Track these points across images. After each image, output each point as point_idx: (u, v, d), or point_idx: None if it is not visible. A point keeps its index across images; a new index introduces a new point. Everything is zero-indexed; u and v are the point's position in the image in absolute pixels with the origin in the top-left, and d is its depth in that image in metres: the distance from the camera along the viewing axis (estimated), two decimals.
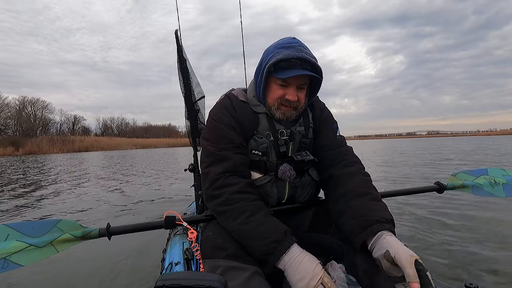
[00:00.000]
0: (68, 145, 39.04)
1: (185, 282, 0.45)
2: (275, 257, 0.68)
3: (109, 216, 3.26)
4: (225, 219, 0.75)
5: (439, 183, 1.07)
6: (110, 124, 67.12)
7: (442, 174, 5.51)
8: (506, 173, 1.17)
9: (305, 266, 0.65)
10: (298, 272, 0.65)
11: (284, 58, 0.78)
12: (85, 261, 1.98)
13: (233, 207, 0.73)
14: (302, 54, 0.78)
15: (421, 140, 48.54)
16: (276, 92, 0.83)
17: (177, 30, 1.33)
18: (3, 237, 0.75)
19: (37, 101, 49.31)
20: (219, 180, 0.77)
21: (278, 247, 0.68)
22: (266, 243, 0.69)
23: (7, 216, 3.45)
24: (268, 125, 0.86)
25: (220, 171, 0.78)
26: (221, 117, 0.85)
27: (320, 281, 0.62)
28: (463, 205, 2.94)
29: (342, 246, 0.79)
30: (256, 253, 0.71)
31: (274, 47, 0.83)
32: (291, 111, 0.85)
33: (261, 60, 0.86)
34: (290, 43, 0.81)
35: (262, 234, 0.70)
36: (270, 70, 0.81)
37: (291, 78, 0.80)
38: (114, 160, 15.68)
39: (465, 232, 2.22)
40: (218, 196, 0.76)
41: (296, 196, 0.89)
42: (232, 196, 0.75)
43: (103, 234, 0.82)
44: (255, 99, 0.88)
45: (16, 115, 45.02)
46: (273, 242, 0.68)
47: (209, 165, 0.81)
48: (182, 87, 1.31)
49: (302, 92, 0.85)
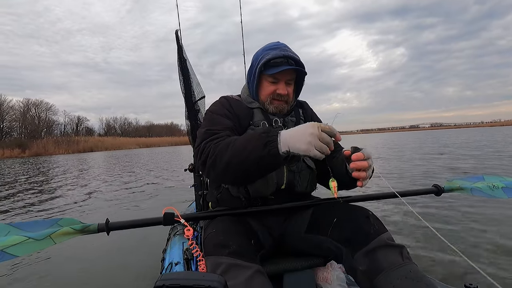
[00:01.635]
0: (73, 146, 39.45)
1: (185, 282, 0.44)
2: (273, 142, 0.69)
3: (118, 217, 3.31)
4: (219, 161, 0.75)
5: (437, 186, 1.07)
6: (113, 124, 67.60)
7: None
8: (504, 179, 1.16)
9: (301, 127, 0.69)
10: (298, 132, 0.68)
11: (272, 57, 0.90)
12: (85, 261, 1.99)
13: (220, 147, 0.76)
14: (287, 53, 0.91)
15: (446, 132, 45.91)
16: (268, 89, 0.95)
17: (178, 30, 1.33)
18: (3, 234, 0.76)
19: (40, 103, 49.83)
20: (206, 144, 0.80)
21: (269, 133, 0.71)
22: (257, 138, 0.71)
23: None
24: (263, 116, 0.96)
25: (207, 140, 0.81)
26: (216, 109, 0.94)
27: (319, 128, 0.66)
28: (463, 206, 2.92)
29: (341, 248, 0.78)
30: (257, 153, 0.70)
31: (263, 50, 0.96)
32: (283, 105, 0.96)
33: (252, 62, 0.98)
34: (276, 45, 0.95)
35: (249, 138, 0.73)
36: (261, 69, 0.92)
37: (280, 74, 0.92)
38: (125, 159, 15.79)
39: (465, 232, 2.21)
40: (207, 154, 0.78)
41: (294, 184, 0.91)
42: (216, 144, 0.78)
43: (102, 229, 0.82)
44: (249, 97, 0.99)
45: (21, 118, 45.60)
46: (263, 133, 0.71)
47: (199, 141, 0.84)
48: (182, 87, 1.31)
49: (290, 87, 0.97)
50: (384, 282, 0.67)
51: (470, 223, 2.42)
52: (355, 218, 0.80)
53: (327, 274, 0.90)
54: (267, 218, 0.91)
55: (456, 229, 2.32)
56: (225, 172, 0.76)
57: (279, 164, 0.72)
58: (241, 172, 0.74)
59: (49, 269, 1.90)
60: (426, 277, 0.69)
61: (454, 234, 2.21)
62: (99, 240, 2.23)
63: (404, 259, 0.70)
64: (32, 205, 4.17)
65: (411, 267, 0.69)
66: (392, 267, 0.68)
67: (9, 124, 44.29)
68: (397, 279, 0.66)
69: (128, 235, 1.85)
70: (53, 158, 23.36)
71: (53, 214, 3.55)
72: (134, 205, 3.91)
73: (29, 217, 3.47)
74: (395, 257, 0.70)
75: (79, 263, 1.97)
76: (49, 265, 1.96)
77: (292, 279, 0.86)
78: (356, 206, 0.86)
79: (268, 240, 0.89)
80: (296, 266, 0.86)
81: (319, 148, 0.66)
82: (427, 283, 0.65)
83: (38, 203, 4.31)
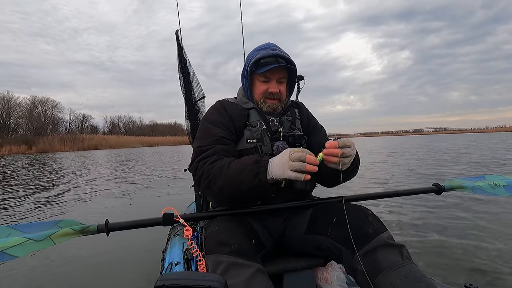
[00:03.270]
0: (79, 144, 39.81)
1: (184, 282, 0.44)
2: (264, 172, 0.74)
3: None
4: (214, 184, 0.80)
5: (437, 185, 1.06)
6: (117, 122, 67.99)
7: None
8: (505, 178, 1.16)
9: (279, 155, 0.75)
10: (277, 159, 0.74)
11: (262, 56, 0.93)
12: (85, 261, 2.00)
13: (213, 171, 0.80)
14: (276, 52, 0.93)
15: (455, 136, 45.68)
16: (260, 88, 0.97)
17: (178, 30, 1.33)
18: (4, 235, 0.76)
19: (47, 100, 50.23)
20: (199, 163, 0.85)
21: (260, 163, 0.75)
22: (250, 168, 0.75)
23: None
24: (259, 117, 0.97)
25: (199, 159, 0.86)
26: (210, 117, 0.97)
27: (291, 153, 0.71)
28: (462, 206, 2.89)
29: (340, 248, 0.79)
30: (249, 185, 0.75)
31: (254, 50, 0.98)
32: (276, 103, 0.97)
33: (244, 63, 1.00)
34: (266, 46, 0.98)
35: (243, 165, 0.77)
36: (252, 69, 0.94)
37: (271, 72, 0.94)
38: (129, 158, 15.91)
39: (464, 233, 2.20)
40: (201, 175, 0.83)
41: (294, 182, 0.90)
42: (209, 166, 0.82)
43: (102, 230, 0.82)
44: (244, 98, 1.01)
45: (28, 115, 46.19)
46: (254, 163, 0.76)
47: (194, 159, 0.89)
48: (182, 87, 1.32)
49: (282, 85, 0.98)
50: (384, 282, 0.67)
51: (470, 223, 2.41)
52: (354, 218, 0.79)
53: (327, 274, 0.90)
54: (267, 218, 0.91)
55: (456, 228, 2.30)
56: (219, 195, 0.83)
57: (269, 190, 0.77)
58: (233, 197, 0.81)
59: (49, 269, 1.91)
60: (426, 277, 0.69)
61: (454, 233, 2.19)
62: (99, 241, 2.23)
63: (404, 259, 0.70)
64: (37, 203, 4.23)
65: (411, 267, 0.69)
66: (392, 267, 0.68)
67: (16, 121, 44.89)
68: (397, 279, 0.66)
69: (128, 236, 1.86)
70: (59, 155, 23.61)
71: (55, 214, 3.59)
72: (134, 205, 3.93)
73: (32, 216, 3.52)
74: (395, 257, 0.70)
75: (79, 264, 1.97)
76: (49, 265, 1.96)
77: (292, 279, 0.86)
78: (356, 206, 0.86)
79: (269, 240, 0.89)
80: (296, 266, 0.86)
81: (292, 167, 0.70)
82: (427, 283, 0.65)
83: (43, 202, 4.37)
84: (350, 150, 0.77)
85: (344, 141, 0.76)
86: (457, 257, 1.78)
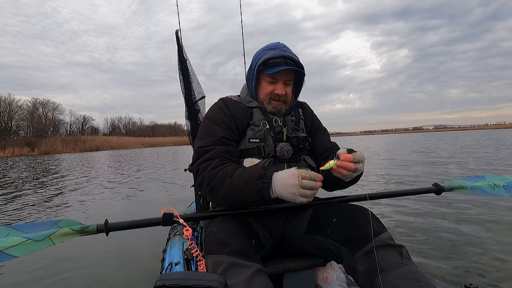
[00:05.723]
0: (80, 145, 40.06)
1: (184, 282, 0.45)
2: (267, 188, 0.75)
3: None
4: (216, 193, 0.81)
5: (437, 185, 1.06)
6: (118, 123, 68.11)
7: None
8: (505, 178, 1.15)
9: (287, 174, 0.74)
10: (283, 181, 0.73)
11: (271, 57, 0.91)
12: (85, 261, 1.99)
13: (216, 179, 0.81)
14: (286, 53, 0.92)
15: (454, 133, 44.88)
16: (266, 88, 0.95)
17: (178, 31, 1.33)
18: (3, 235, 0.76)
19: (48, 102, 50.39)
20: (200, 166, 0.85)
21: (264, 178, 0.76)
22: (253, 183, 0.76)
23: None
24: (263, 116, 0.96)
25: (201, 161, 0.86)
26: (212, 115, 0.95)
27: (299, 177, 0.71)
28: (462, 206, 2.89)
29: (340, 248, 0.79)
30: (251, 199, 0.77)
31: (262, 50, 0.96)
32: (281, 105, 0.96)
33: (252, 62, 0.98)
34: (275, 46, 0.96)
35: (247, 178, 0.77)
36: (260, 69, 0.92)
37: (278, 74, 0.92)
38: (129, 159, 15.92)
39: (464, 233, 2.19)
40: (202, 179, 0.84)
41: None
42: (212, 172, 0.82)
43: (101, 230, 0.82)
44: (248, 97, 0.99)
45: (29, 117, 46.34)
46: (258, 178, 0.76)
47: (195, 160, 0.89)
48: (182, 87, 1.32)
49: (289, 87, 0.97)
50: (383, 282, 0.67)
51: (470, 223, 2.40)
52: (354, 218, 0.79)
53: (327, 274, 0.90)
54: (267, 218, 0.91)
55: (456, 228, 2.29)
56: (222, 202, 0.85)
57: (271, 203, 0.80)
58: (235, 205, 0.84)
59: (48, 269, 1.90)
60: (426, 277, 0.69)
61: (454, 233, 2.19)
62: (99, 241, 2.23)
63: (404, 259, 0.70)
64: (35, 204, 4.24)
65: (410, 267, 0.69)
66: (391, 267, 0.68)
67: (17, 123, 45.07)
68: (397, 279, 0.66)
69: (128, 236, 1.85)
70: (61, 157, 23.66)
71: (56, 213, 3.60)
72: (134, 205, 3.94)
73: (30, 215, 3.53)
74: (395, 257, 0.70)
75: (79, 264, 1.97)
76: (48, 265, 1.96)
77: (292, 279, 0.86)
78: (356, 206, 0.86)
79: (269, 240, 0.89)
80: (296, 266, 0.87)
81: (302, 195, 0.72)
82: (427, 283, 0.65)
83: (44, 201, 4.38)
84: (361, 166, 0.79)
85: (358, 156, 0.78)
86: (457, 257, 1.78)
